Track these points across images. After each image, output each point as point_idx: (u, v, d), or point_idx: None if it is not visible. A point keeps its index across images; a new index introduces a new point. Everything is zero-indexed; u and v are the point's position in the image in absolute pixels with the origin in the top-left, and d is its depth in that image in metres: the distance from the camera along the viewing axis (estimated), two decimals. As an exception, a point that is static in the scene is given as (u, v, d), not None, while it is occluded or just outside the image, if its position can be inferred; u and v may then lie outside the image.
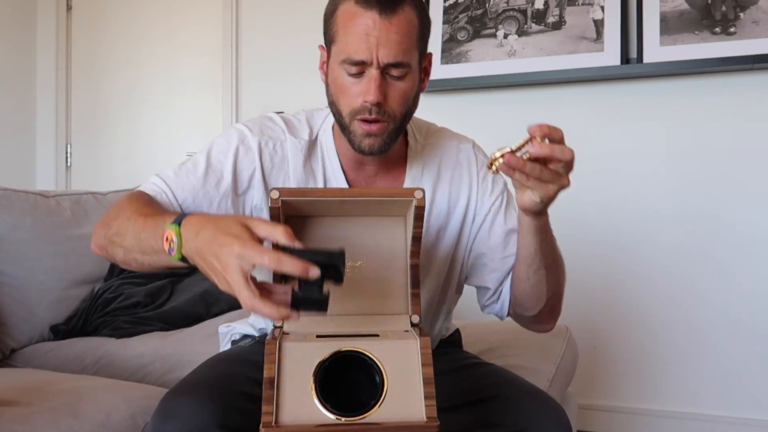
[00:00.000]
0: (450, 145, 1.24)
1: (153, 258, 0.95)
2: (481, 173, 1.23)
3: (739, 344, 2.33)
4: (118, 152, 3.36)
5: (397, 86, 1.05)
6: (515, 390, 1.14)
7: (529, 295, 1.17)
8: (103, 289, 1.98)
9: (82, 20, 3.42)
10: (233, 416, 0.97)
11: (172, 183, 1.11)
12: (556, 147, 0.93)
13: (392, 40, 1.01)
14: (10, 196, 1.86)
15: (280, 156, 1.15)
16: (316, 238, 0.98)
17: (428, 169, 1.21)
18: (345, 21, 1.03)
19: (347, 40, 1.02)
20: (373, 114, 1.04)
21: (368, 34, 1.00)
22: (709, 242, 2.36)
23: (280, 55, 2.97)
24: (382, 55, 1.01)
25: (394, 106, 1.06)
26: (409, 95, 1.07)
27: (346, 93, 1.06)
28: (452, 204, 1.21)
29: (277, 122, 1.18)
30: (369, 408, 0.83)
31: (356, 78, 1.04)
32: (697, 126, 2.38)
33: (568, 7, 2.46)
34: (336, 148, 1.17)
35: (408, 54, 1.03)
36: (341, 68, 1.05)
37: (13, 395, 1.26)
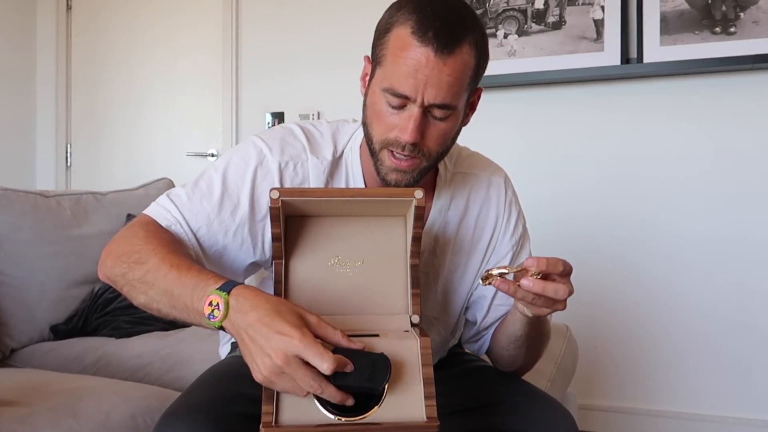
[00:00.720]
0: (482, 177, 1.17)
1: (184, 315, 0.89)
2: (506, 212, 1.17)
3: (739, 344, 2.33)
4: (118, 152, 3.36)
5: (438, 126, 0.98)
6: (522, 395, 1.12)
7: (505, 360, 1.16)
8: (103, 289, 1.98)
9: (82, 20, 3.42)
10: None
11: (186, 210, 1.04)
12: (549, 286, 0.88)
13: (443, 82, 0.93)
14: (10, 196, 1.86)
15: (300, 177, 1.07)
16: (316, 238, 0.98)
17: (456, 201, 1.14)
18: (396, 49, 0.94)
19: (394, 69, 0.94)
20: (406, 151, 0.97)
21: (418, 70, 0.92)
22: (709, 242, 2.36)
23: (281, 55, 2.97)
24: (429, 96, 0.93)
25: (430, 146, 0.98)
26: (449, 135, 1.00)
27: (382, 122, 0.98)
28: (476, 239, 1.15)
29: (299, 138, 1.09)
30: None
31: (396, 110, 0.96)
32: (698, 126, 2.38)
33: (568, 7, 2.46)
34: (362, 167, 1.09)
35: (456, 97, 0.96)
36: (382, 95, 0.97)
37: (13, 395, 1.26)
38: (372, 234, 0.98)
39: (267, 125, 3.00)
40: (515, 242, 1.17)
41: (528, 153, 2.54)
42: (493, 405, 1.11)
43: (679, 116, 2.40)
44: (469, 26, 0.95)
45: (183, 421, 0.95)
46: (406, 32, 0.93)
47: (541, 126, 2.55)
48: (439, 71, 0.92)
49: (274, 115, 3.00)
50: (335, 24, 2.87)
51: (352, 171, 1.09)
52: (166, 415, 0.98)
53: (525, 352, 1.11)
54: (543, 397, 1.12)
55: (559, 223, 2.50)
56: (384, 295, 0.97)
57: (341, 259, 0.97)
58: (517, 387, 1.15)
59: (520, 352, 1.11)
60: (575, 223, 2.48)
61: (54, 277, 1.90)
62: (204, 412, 0.96)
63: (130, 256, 0.95)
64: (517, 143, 2.54)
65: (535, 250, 1.18)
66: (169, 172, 2.54)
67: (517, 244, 1.17)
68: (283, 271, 0.96)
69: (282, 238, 0.95)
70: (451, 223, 1.13)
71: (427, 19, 0.92)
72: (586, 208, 2.50)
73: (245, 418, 0.96)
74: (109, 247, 1.01)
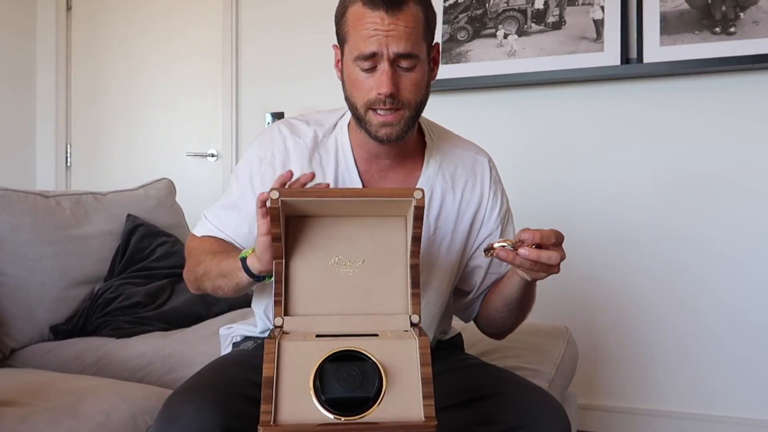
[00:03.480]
0: (467, 154, 1.30)
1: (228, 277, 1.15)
2: (491, 189, 1.29)
3: (740, 344, 2.33)
4: (118, 152, 3.36)
5: (409, 77, 1.11)
6: (515, 387, 1.16)
7: (496, 321, 1.29)
8: (103, 289, 1.98)
9: (82, 20, 3.42)
10: (236, 420, 0.98)
11: (221, 224, 1.29)
12: (543, 254, 1.01)
13: (400, 33, 1.07)
14: (10, 196, 1.86)
15: (279, 160, 1.23)
16: (316, 238, 0.98)
17: (443, 172, 1.26)
18: (355, 21, 1.10)
19: (358, 37, 1.09)
20: (387, 104, 1.10)
21: (377, 29, 1.07)
22: (709, 242, 2.36)
23: (281, 56, 2.97)
24: (392, 47, 1.07)
25: (407, 95, 1.11)
26: (421, 84, 1.13)
27: (361, 87, 1.12)
28: (462, 210, 1.26)
29: (281, 129, 1.26)
30: (368, 407, 0.83)
31: (369, 73, 1.10)
32: (697, 126, 2.38)
33: (568, 7, 2.46)
34: (351, 143, 1.23)
35: (416, 46, 1.09)
36: (354, 65, 1.11)
37: (13, 395, 1.26)
38: (372, 234, 0.99)
39: (267, 125, 3.00)
40: (501, 218, 1.30)
41: (528, 153, 2.54)
42: (485, 397, 1.15)
43: (679, 116, 2.40)
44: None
45: (191, 399, 1.00)
46: (358, 7, 1.10)
47: (541, 126, 2.55)
48: (395, 25, 1.07)
49: (274, 115, 3.00)
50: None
51: (341, 146, 1.24)
52: (174, 394, 1.03)
53: (516, 314, 1.25)
54: (534, 389, 1.17)
55: (558, 223, 2.48)
56: (384, 295, 0.98)
57: (342, 259, 0.98)
58: (509, 380, 1.20)
59: (512, 314, 1.25)
60: (575, 222, 2.48)
61: (54, 277, 1.90)
62: (211, 392, 1.01)
63: (193, 264, 1.25)
64: (516, 143, 2.54)
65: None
66: (169, 173, 2.54)
67: (503, 219, 1.30)
68: (283, 270, 0.96)
69: (282, 237, 0.95)
70: (436, 192, 1.24)
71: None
72: (585, 208, 2.50)
73: (250, 401, 1.00)
74: (185, 269, 1.30)
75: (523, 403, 1.12)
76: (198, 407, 0.98)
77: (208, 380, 1.07)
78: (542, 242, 1.01)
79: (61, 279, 1.91)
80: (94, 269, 2.01)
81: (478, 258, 1.29)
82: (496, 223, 1.28)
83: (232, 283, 1.14)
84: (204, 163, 3.17)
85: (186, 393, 1.02)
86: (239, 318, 1.95)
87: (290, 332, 0.92)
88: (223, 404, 0.99)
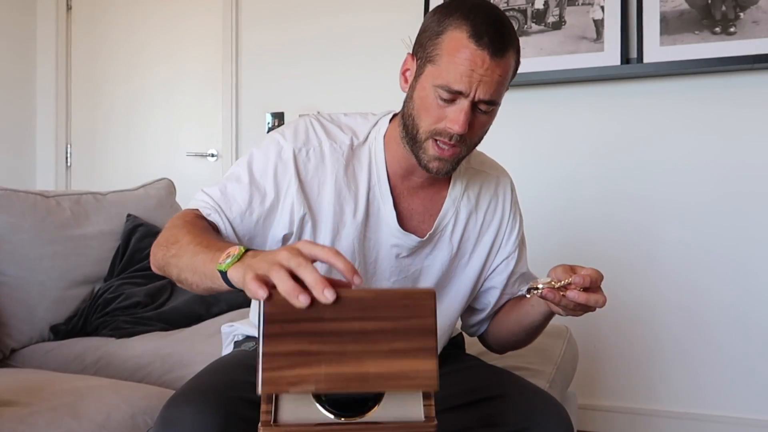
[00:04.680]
0: (491, 175, 1.30)
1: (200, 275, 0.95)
2: (511, 212, 1.30)
3: (740, 344, 2.33)
4: (117, 152, 3.36)
5: (481, 119, 1.10)
6: (517, 389, 1.16)
7: (508, 342, 1.31)
8: (103, 289, 1.98)
9: (81, 20, 3.42)
10: (236, 424, 0.97)
11: (221, 202, 1.13)
12: (592, 297, 1.02)
13: (494, 81, 1.05)
14: (10, 196, 1.86)
15: (314, 163, 1.16)
16: None
17: (468, 193, 1.26)
18: (452, 49, 1.05)
19: (450, 68, 1.04)
20: (453, 141, 1.08)
21: (473, 70, 1.03)
22: (710, 241, 2.36)
23: (281, 55, 2.97)
24: (481, 92, 1.05)
25: (472, 137, 1.11)
26: (486, 128, 1.14)
27: (431, 114, 1.08)
28: (482, 231, 1.27)
29: (314, 126, 1.19)
30: (368, 408, 0.83)
31: (446, 103, 1.07)
32: (697, 126, 2.38)
33: (568, 7, 2.46)
34: (385, 156, 1.19)
35: (500, 95, 1.09)
36: (434, 90, 1.07)
37: (13, 395, 1.26)
38: None
39: (267, 125, 3.00)
40: (518, 243, 1.30)
41: (528, 153, 2.54)
42: (488, 399, 1.14)
43: (679, 116, 2.40)
44: (513, 36, 1.08)
45: (190, 402, 0.99)
46: (462, 35, 1.04)
47: (541, 126, 2.55)
48: (492, 71, 1.04)
49: (274, 115, 3.00)
50: (336, 24, 2.87)
51: (375, 158, 1.19)
52: (174, 397, 1.01)
53: (530, 338, 1.27)
54: (536, 391, 1.17)
55: (558, 223, 2.50)
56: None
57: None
58: (511, 382, 1.20)
59: (527, 338, 1.27)
60: (575, 223, 2.48)
61: (54, 277, 1.90)
62: (210, 395, 1.00)
63: (168, 239, 1.05)
64: (516, 143, 2.54)
65: (535, 249, 1.21)
66: (169, 172, 2.54)
67: (520, 244, 1.31)
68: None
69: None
70: (462, 214, 1.24)
71: (481, 25, 1.03)
72: (585, 208, 2.50)
73: (250, 404, 0.98)
74: (156, 240, 1.10)
75: (525, 406, 1.12)
76: (197, 411, 0.97)
77: (207, 383, 1.06)
78: (591, 286, 1.02)
79: (61, 279, 1.91)
80: (94, 269, 2.01)
81: (494, 279, 1.29)
82: (514, 246, 1.29)
83: (205, 285, 0.96)
84: (204, 163, 3.17)
85: (185, 396, 1.01)
86: (239, 317, 1.95)
87: None
88: (222, 407, 0.98)
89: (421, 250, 1.21)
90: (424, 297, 0.82)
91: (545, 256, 2.54)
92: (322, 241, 1.15)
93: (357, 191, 1.17)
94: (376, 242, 1.18)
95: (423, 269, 1.22)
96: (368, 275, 1.19)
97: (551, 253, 2.51)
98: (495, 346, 1.35)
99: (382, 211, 1.18)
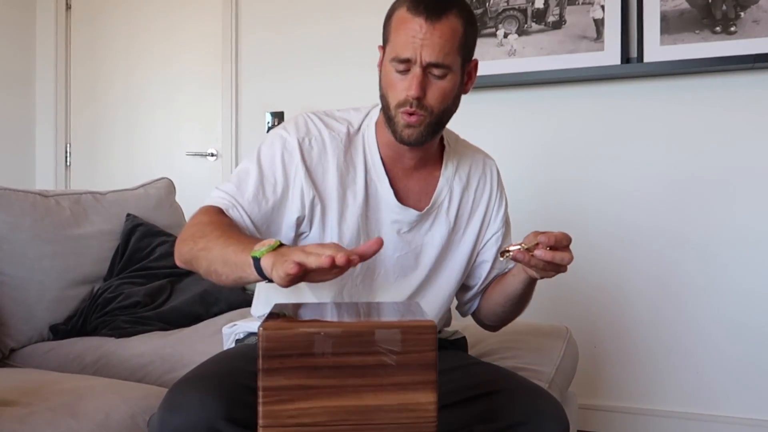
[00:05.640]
0: (477, 155, 1.39)
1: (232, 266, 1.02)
2: (498, 191, 1.39)
3: (740, 344, 2.33)
4: (117, 152, 3.36)
5: (438, 84, 1.16)
6: (513, 386, 1.19)
7: (497, 315, 1.37)
8: (102, 288, 1.97)
9: (81, 19, 3.41)
10: (240, 409, 0.99)
11: (237, 196, 1.21)
12: (557, 255, 1.08)
13: (435, 42, 1.13)
14: (10, 195, 1.86)
15: (316, 150, 1.24)
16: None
17: (459, 173, 1.34)
18: (397, 24, 1.16)
19: (397, 41, 1.15)
20: (413, 107, 1.16)
21: (414, 36, 1.13)
22: (709, 242, 2.36)
23: (281, 55, 2.97)
24: (425, 55, 1.13)
25: (432, 102, 1.17)
26: (448, 94, 1.18)
27: (394, 87, 1.18)
28: (474, 207, 1.35)
29: (312, 119, 1.28)
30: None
31: (403, 75, 1.16)
32: (697, 125, 2.37)
33: (569, 6, 2.46)
34: (377, 142, 1.28)
35: (449, 57, 1.15)
36: (391, 65, 1.17)
37: (13, 395, 1.26)
38: None
39: (267, 125, 3.00)
40: (503, 221, 1.39)
41: (527, 152, 2.54)
42: (484, 395, 1.17)
43: (679, 116, 2.39)
44: (453, 1, 1.16)
45: (194, 387, 1.01)
46: (402, 11, 1.16)
47: (541, 126, 2.55)
48: (431, 34, 1.12)
49: (274, 114, 2.99)
50: (335, 24, 2.87)
51: (368, 144, 1.28)
52: (178, 382, 1.04)
53: (516, 308, 1.33)
54: (532, 387, 1.20)
55: (558, 222, 2.49)
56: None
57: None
58: (508, 378, 1.23)
59: (513, 308, 1.33)
60: (575, 222, 2.48)
61: (53, 277, 1.89)
62: (215, 380, 1.03)
63: (194, 235, 1.12)
64: (516, 142, 2.54)
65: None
66: (168, 172, 2.53)
67: (506, 221, 1.40)
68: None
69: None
70: (456, 191, 1.33)
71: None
72: (585, 208, 2.50)
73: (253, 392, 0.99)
74: (179, 236, 1.17)
75: (522, 401, 1.14)
76: (201, 395, 0.99)
77: (212, 370, 1.09)
78: (556, 244, 1.07)
79: (61, 278, 1.91)
80: (93, 269, 2.01)
81: (485, 254, 1.37)
82: (501, 223, 1.38)
83: (235, 275, 1.03)
84: (204, 163, 3.17)
85: (190, 381, 1.03)
86: (239, 318, 1.95)
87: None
88: (226, 393, 1.00)
89: (421, 226, 1.29)
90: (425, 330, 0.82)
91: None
92: (329, 222, 1.23)
93: (356, 175, 1.25)
94: (378, 221, 1.26)
95: (424, 244, 1.30)
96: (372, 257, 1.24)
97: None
98: (487, 321, 1.42)
99: (380, 190, 1.26)
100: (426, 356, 0.82)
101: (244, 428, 0.98)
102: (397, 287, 1.28)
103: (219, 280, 1.07)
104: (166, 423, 0.99)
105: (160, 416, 1.00)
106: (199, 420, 0.97)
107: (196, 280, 2.09)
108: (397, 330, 0.82)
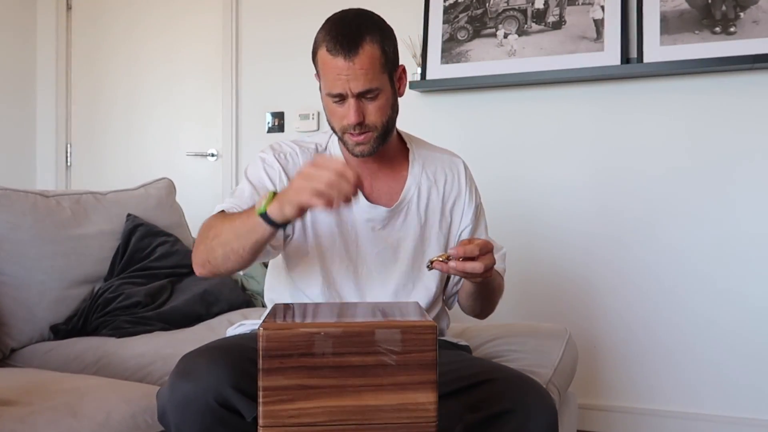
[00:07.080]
0: (444, 155, 1.48)
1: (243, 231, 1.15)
2: (467, 186, 1.46)
3: (740, 344, 2.33)
4: (118, 152, 3.36)
5: (373, 105, 1.27)
6: (501, 375, 1.24)
7: (469, 307, 1.45)
8: (103, 288, 1.98)
9: (82, 20, 3.42)
10: (245, 380, 1.04)
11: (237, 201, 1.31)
12: (468, 266, 1.15)
13: (359, 75, 1.23)
14: (10, 195, 1.86)
15: (292, 162, 1.38)
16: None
17: (426, 172, 1.43)
18: (322, 65, 1.28)
19: (326, 79, 1.27)
20: (356, 131, 1.28)
21: (339, 74, 1.24)
22: (709, 242, 2.36)
23: (281, 55, 2.97)
24: (353, 87, 1.24)
25: (373, 120, 1.28)
26: (385, 108, 1.29)
27: (335, 115, 1.30)
28: (444, 203, 1.43)
29: (285, 142, 1.42)
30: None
31: (340, 104, 1.28)
32: (697, 125, 2.38)
33: (568, 6, 2.46)
34: (342, 152, 1.40)
35: (375, 81, 1.25)
36: (328, 98, 1.29)
37: (13, 395, 1.26)
38: None
39: (267, 125, 3.01)
40: (476, 208, 1.47)
41: (527, 152, 2.54)
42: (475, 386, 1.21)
43: (679, 116, 2.39)
44: (364, 30, 1.25)
45: (204, 356, 1.09)
46: (323, 52, 1.27)
47: (541, 126, 2.55)
48: (353, 70, 1.23)
49: (274, 115, 3.00)
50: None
51: (336, 155, 1.40)
52: (188, 353, 1.12)
53: (482, 302, 1.41)
54: (521, 377, 1.24)
55: (557, 223, 2.49)
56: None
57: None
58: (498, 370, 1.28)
59: (476, 302, 1.41)
60: (574, 222, 2.48)
61: (54, 277, 1.90)
62: (223, 351, 1.11)
63: (206, 236, 1.23)
64: (516, 142, 2.54)
65: (534, 248, 1.20)
66: (169, 172, 2.54)
67: (477, 214, 1.47)
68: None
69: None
70: (423, 188, 1.42)
71: (333, 38, 1.25)
72: (585, 208, 2.50)
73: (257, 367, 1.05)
74: (193, 248, 1.27)
75: (510, 390, 1.19)
76: (210, 364, 1.05)
77: (219, 344, 1.18)
78: (467, 255, 1.14)
79: (61, 278, 1.91)
80: (94, 269, 2.01)
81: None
82: (472, 217, 1.45)
83: (251, 240, 1.14)
84: (204, 163, 3.17)
85: (199, 352, 1.11)
86: (239, 318, 1.95)
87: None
88: (234, 363, 1.06)
89: (394, 222, 1.38)
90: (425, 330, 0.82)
91: (548, 259, 2.54)
92: (307, 223, 1.35)
93: None
94: (353, 222, 1.36)
95: (399, 239, 1.38)
96: (353, 254, 1.35)
97: (555, 256, 2.51)
98: (467, 312, 1.48)
99: None
100: (426, 356, 0.82)
101: (249, 399, 1.02)
102: (381, 281, 1.36)
103: (238, 256, 1.17)
104: (176, 389, 1.05)
105: (170, 383, 1.07)
106: (208, 386, 1.03)
107: (196, 280, 2.09)
108: (397, 330, 0.83)
